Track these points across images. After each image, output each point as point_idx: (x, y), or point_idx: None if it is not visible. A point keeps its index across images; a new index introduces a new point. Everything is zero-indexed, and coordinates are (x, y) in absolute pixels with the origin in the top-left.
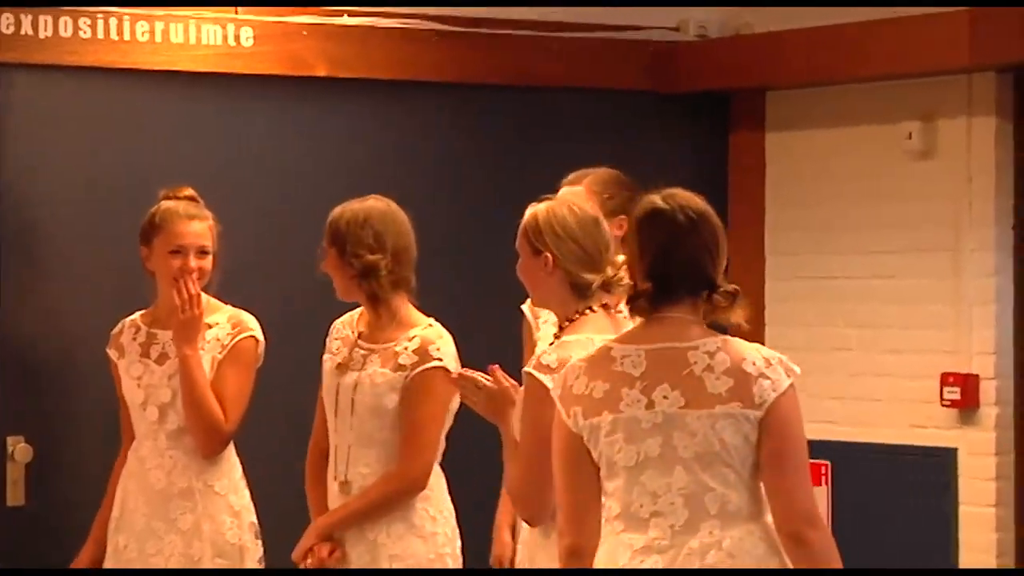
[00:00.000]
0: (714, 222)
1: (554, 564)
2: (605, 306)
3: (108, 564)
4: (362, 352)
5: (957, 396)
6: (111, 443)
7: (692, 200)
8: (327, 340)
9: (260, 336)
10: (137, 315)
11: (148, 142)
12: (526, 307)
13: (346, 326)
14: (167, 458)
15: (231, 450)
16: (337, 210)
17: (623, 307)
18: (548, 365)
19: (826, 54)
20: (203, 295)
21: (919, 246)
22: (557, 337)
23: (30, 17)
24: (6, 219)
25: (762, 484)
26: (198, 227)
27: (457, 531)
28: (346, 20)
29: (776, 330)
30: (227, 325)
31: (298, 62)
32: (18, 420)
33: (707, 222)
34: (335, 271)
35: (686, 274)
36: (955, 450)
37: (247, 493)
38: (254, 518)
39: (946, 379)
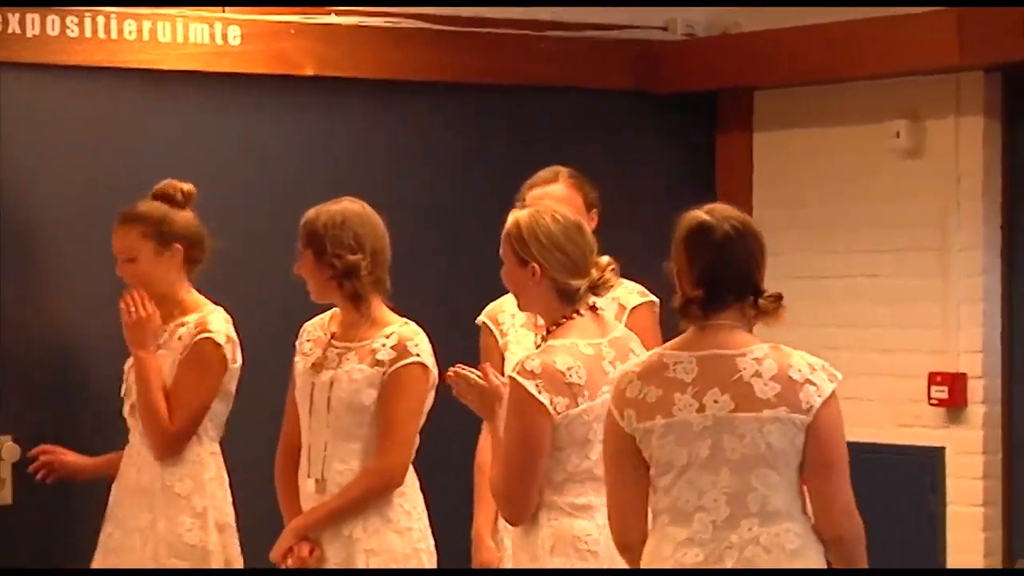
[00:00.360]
0: (755, 230)
1: (536, 563)
2: (592, 307)
3: (98, 551)
4: (337, 351)
5: (945, 395)
6: (99, 442)
7: (733, 212)
8: (297, 343)
9: (221, 339)
10: None
11: (135, 141)
12: (484, 317)
13: (317, 328)
14: (138, 456)
15: (200, 451)
16: (312, 212)
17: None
18: (532, 371)
19: (814, 53)
20: (191, 292)
21: (907, 245)
22: (544, 340)
23: (17, 16)
24: None
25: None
26: (118, 236)
27: (429, 528)
28: (334, 19)
29: (764, 330)
30: (192, 326)
31: (286, 61)
32: (5, 419)
33: (750, 231)
34: (311, 273)
35: (734, 282)
36: (943, 449)
37: (222, 494)
38: (229, 519)
39: (934, 378)
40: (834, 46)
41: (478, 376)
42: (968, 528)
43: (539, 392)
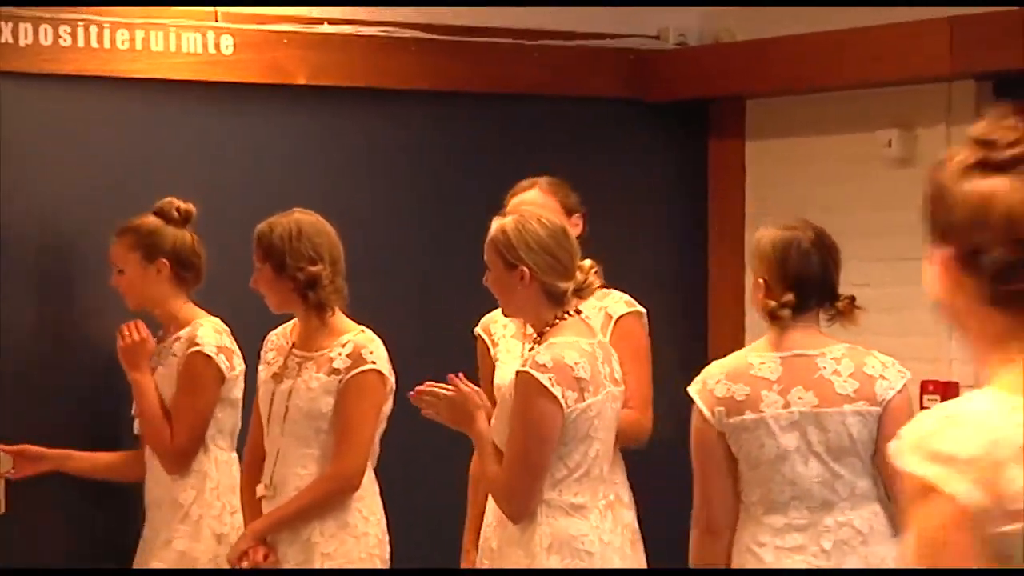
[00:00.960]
0: (832, 241)
1: (532, 560)
2: (577, 312)
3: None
4: (297, 360)
5: (937, 403)
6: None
7: (810, 224)
8: (261, 352)
9: (211, 351)
10: None
11: (128, 150)
12: (479, 328)
13: (280, 337)
14: (153, 470)
15: (205, 460)
16: (264, 226)
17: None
18: (544, 364)
19: (805, 62)
20: (187, 306)
21: (899, 254)
22: (538, 343)
23: (10, 25)
24: None
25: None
26: (112, 247)
27: (387, 535)
28: (326, 28)
29: (756, 336)
30: (184, 341)
31: (278, 70)
32: None
33: (828, 240)
34: (270, 286)
35: (817, 288)
36: None
37: (222, 504)
38: (228, 530)
39: (926, 386)
40: (825, 55)
41: (446, 389)
42: None
43: (552, 385)
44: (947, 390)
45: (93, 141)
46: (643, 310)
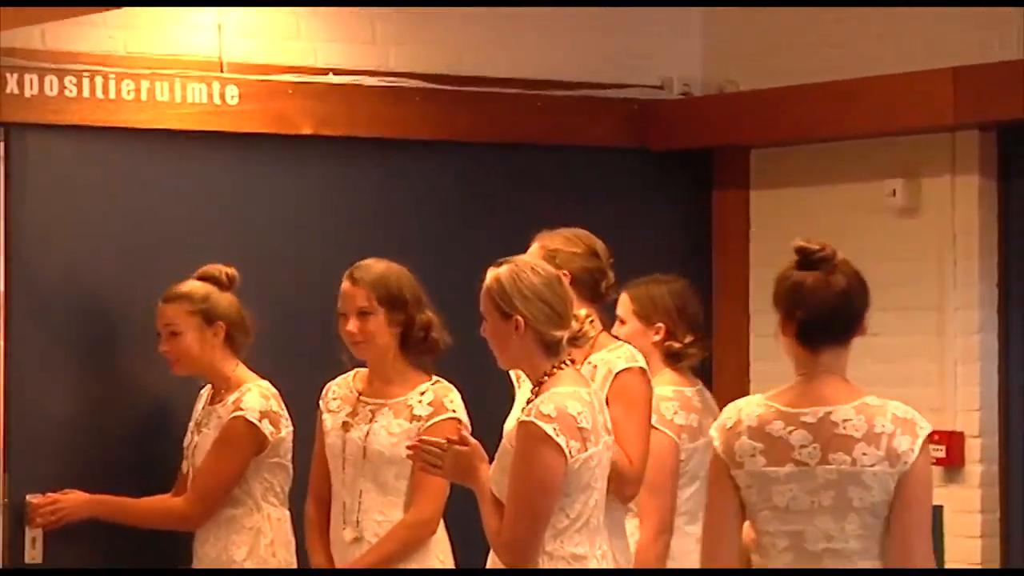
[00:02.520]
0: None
1: None
2: (572, 361)
3: None
4: (369, 407)
5: (942, 454)
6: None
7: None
8: (321, 402)
9: (254, 416)
10: None
11: (133, 200)
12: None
13: (342, 387)
14: (203, 531)
15: (259, 518)
16: (381, 269)
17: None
18: (548, 414)
19: (810, 112)
20: (239, 369)
21: (904, 304)
22: (536, 394)
23: (16, 75)
24: None
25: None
26: (164, 312)
27: None
28: (331, 79)
29: (761, 388)
30: (229, 404)
31: (283, 120)
32: (34, 479)
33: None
34: (385, 329)
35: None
36: (940, 508)
37: (277, 560)
38: None
39: (931, 437)
40: (830, 105)
41: (443, 444)
42: None
43: (556, 435)
44: (952, 441)
45: (98, 191)
46: (644, 367)
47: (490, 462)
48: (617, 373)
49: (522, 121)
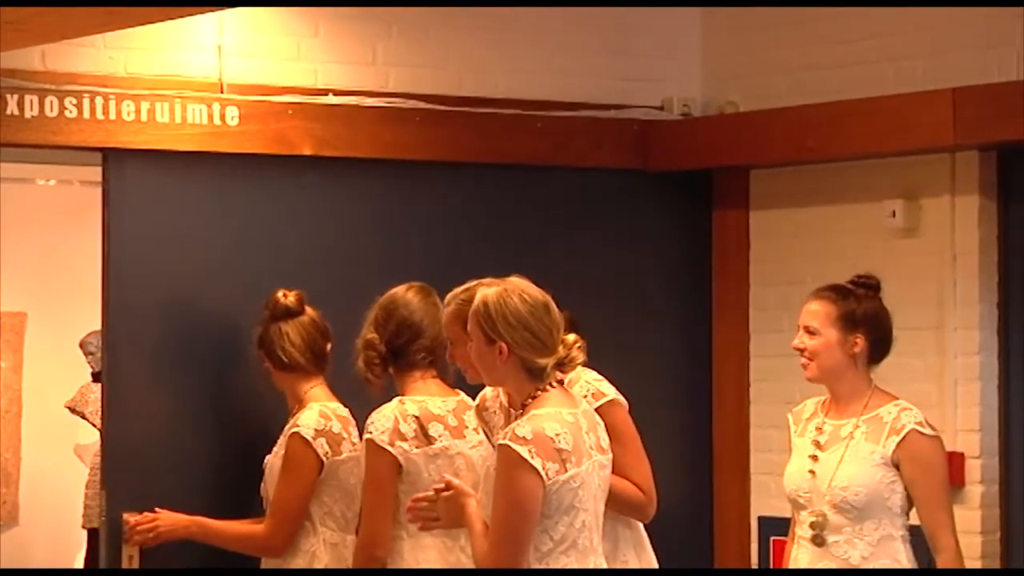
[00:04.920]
0: None
1: None
2: (560, 382)
3: None
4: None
5: None
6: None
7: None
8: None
9: (308, 434)
10: None
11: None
12: None
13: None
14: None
15: (315, 541)
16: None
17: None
18: (524, 437)
19: (810, 133)
20: (314, 390)
21: (903, 324)
22: (522, 414)
23: (16, 97)
24: None
25: None
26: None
27: None
28: (331, 100)
29: (761, 408)
30: (291, 424)
31: (283, 141)
32: (131, 498)
33: None
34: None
35: None
36: None
37: None
38: None
39: None
40: (830, 126)
41: (433, 496)
42: None
43: (532, 457)
44: (952, 461)
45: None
46: (623, 400)
47: None
48: (598, 407)
49: (522, 142)
